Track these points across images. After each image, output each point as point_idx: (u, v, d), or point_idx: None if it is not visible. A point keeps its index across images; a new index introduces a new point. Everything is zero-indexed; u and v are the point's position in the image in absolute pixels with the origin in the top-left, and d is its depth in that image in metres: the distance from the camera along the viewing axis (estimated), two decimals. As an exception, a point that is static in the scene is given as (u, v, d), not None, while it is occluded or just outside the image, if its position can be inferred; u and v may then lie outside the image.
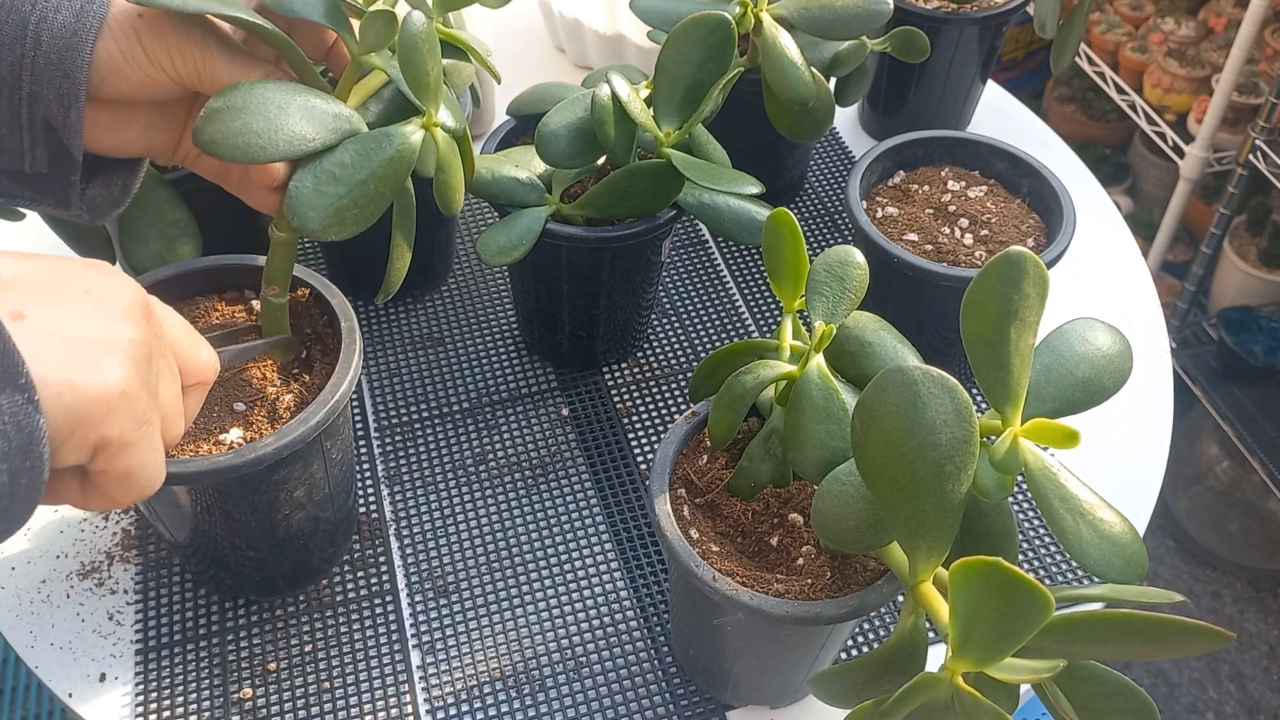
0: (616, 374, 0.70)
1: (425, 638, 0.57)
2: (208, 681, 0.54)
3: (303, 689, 0.54)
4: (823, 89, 0.64)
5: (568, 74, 0.95)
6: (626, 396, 0.69)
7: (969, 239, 0.65)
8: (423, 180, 0.49)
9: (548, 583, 0.59)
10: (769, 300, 0.75)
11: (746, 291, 0.76)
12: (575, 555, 0.60)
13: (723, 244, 0.80)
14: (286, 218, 0.45)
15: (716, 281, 0.77)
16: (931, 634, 0.53)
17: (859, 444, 0.37)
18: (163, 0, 0.41)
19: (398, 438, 0.66)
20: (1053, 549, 0.62)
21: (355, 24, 0.47)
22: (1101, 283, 0.79)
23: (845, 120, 0.91)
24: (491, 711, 0.54)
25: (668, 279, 0.76)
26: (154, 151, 0.49)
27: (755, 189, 0.56)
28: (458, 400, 0.68)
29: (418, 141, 0.46)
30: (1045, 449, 0.39)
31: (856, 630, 0.58)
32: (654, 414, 0.68)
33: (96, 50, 0.43)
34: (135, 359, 0.36)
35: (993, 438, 0.39)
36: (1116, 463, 0.67)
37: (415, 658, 0.56)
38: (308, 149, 0.44)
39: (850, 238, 0.79)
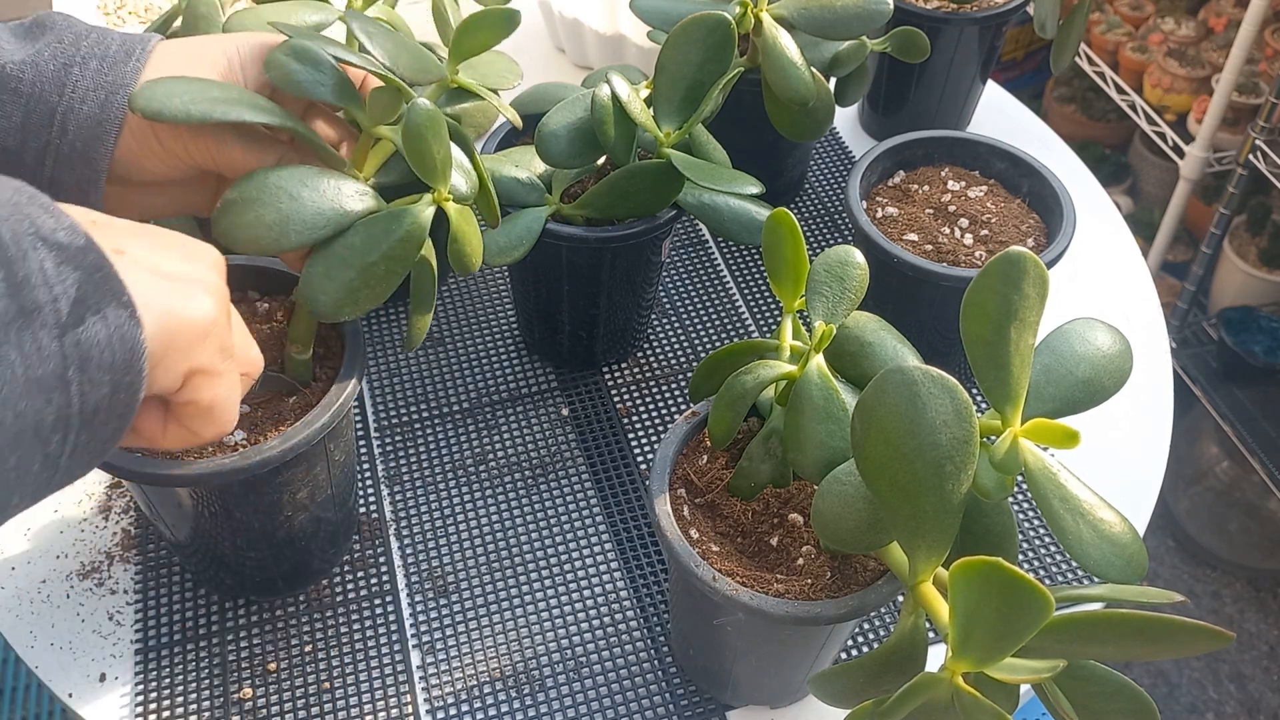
0: (616, 374, 0.70)
1: (425, 638, 0.57)
2: (208, 681, 0.54)
3: (303, 689, 0.54)
4: (823, 89, 0.64)
5: (568, 74, 0.95)
6: (626, 396, 0.69)
7: (969, 239, 0.65)
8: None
9: (548, 583, 0.59)
10: (769, 300, 0.75)
11: (746, 291, 0.76)
12: (575, 555, 0.60)
13: (723, 244, 0.80)
14: None
15: (716, 281, 0.77)
16: (931, 634, 0.53)
17: (859, 444, 0.37)
18: (169, 113, 0.42)
19: (398, 438, 0.66)
20: (1053, 549, 0.62)
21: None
22: (1101, 283, 0.79)
23: (845, 120, 0.91)
24: (491, 711, 0.54)
25: (668, 279, 0.76)
26: (191, 212, 0.51)
27: (755, 189, 0.56)
28: (458, 400, 0.68)
29: (428, 219, 0.46)
30: (1045, 449, 0.39)
31: (856, 630, 0.58)
32: (654, 414, 0.68)
33: (118, 142, 0.45)
34: (221, 301, 0.39)
35: (993, 438, 0.39)
36: (1116, 463, 0.67)
37: (415, 658, 0.56)
38: (318, 237, 0.45)
39: (850, 238, 0.79)
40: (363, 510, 0.62)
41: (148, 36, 0.47)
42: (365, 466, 0.64)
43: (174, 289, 0.36)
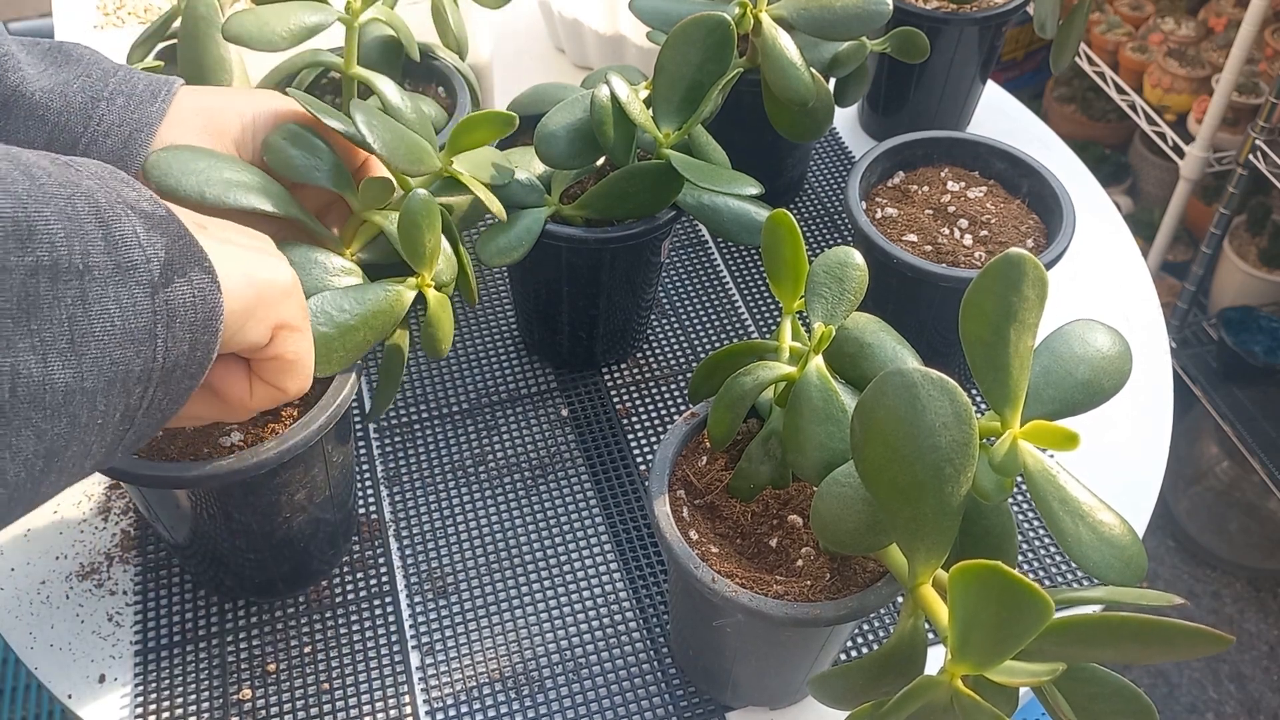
0: (616, 375, 0.70)
1: (425, 639, 0.57)
2: (207, 682, 0.54)
3: (302, 690, 0.54)
4: (822, 89, 0.64)
5: (568, 74, 0.95)
6: (626, 397, 0.69)
7: (968, 240, 0.65)
8: None
9: (547, 584, 0.59)
10: (768, 301, 0.75)
11: (746, 292, 0.76)
12: (575, 556, 0.60)
13: (722, 244, 0.79)
14: None
15: (716, 282, 0.77)
16: (931, 635, 0.53)
17: (858, 446, 0.37)
18: (183, 192, 0.44)
19: (397, 439, 0.66)
20: (1052, 550, 0.62)
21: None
22: (1101, 283, 0.79)
23: (845, 120, 0.91)
24: (491, 712, 0.54)
25: (667, 279, 0.76)
26: None
27: (754, 190, 0.56)
28: (457, 401, 0.68)
29: (409, 299, 0.49)
30: (1044, 451, 0.39)
31: (856, 632, 0.58)
32: (653, 415, 0.68)
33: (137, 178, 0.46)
34: (295, 274, 0.42)
35: (992, 440, 0.39)
36: (1116, 463, 0.67)
37: (415, 658, 0.56)
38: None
39: (850, 238, 0.79)
40: (362, 511, 0.62)
41: (171, 79, 0.49)
42: (365, 467, 0.64)
43: (251, 257, 0.40)
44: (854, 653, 0.57)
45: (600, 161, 0.61)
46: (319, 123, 0.50)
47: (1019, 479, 0.61)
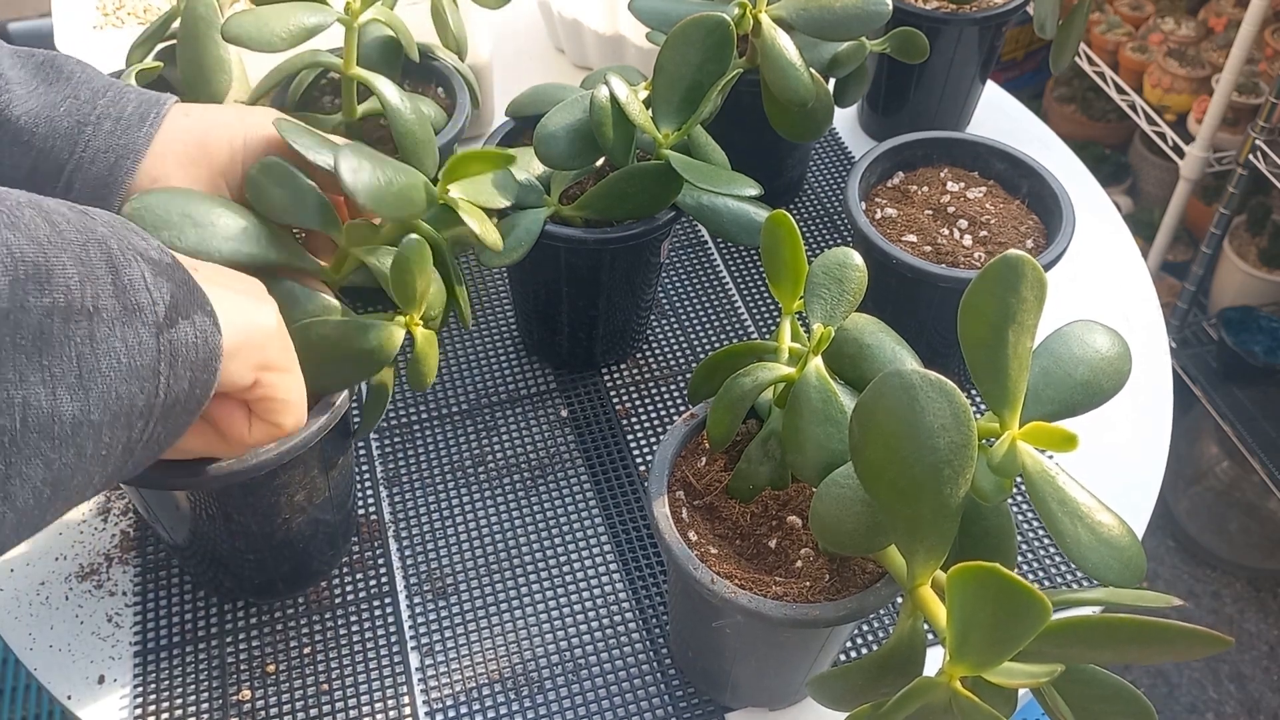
0: (616, 375, 0.70)
1: (424, 639, 0.57)
2: (207, 683, 0.54)
3: (302, 691, 0.54)
4: (822, 90, 0.64)
5: (567, 74, 0.95)
6: (625, 398, 0.69)
7: (968, 240, 0.65)
8: None
9: (547, 584, 0.59)
10: (768, 301, 0.75)
11: (745, 293, 0.76)
12: (574, 557, 0.60)
13: (722, 245, 0.79)
14: None
15: (715, 282, 0.77)
16: (930, 636, 0.53)
17: (857, 447, 0.37)
18: (184, 246, 0.45)
19: (397, 439, 0.66)
20: (1051, 551, 0.62)
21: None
22: (1101, 283, 0.79)
23: (845, 121, 0.91)
24: (490, 713, 0.54)
25: (667, 280, 0.76)
26: None
27: (754, 191, 0.56)
28: (457, 402, 0.68)
29: (398, 341, 0.49)
30: (1043, 452, 0.39)
31: (855, 632, 0.58)
32: (653, 415, 0.68)
33: (121, 206, 0.47)
34: (279, 318, 0.44)
35: (991, 441, 0.39)
36: (1116, 464, 0.67)
37: (414, 659, 0.56)
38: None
39: (849, 239, 0.79)
40: (362, 512, 0.62)
41: (163, 99, 0.49)
42: (364, 468, 0.64)
43: (242, 301, 0.42)
44: (853, 654, 0.57)
45: (600, 162, 0.61)
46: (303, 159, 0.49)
47: (1018, 480, 0.61)
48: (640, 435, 0.67)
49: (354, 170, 0.46)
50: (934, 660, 0.35)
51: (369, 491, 0.63)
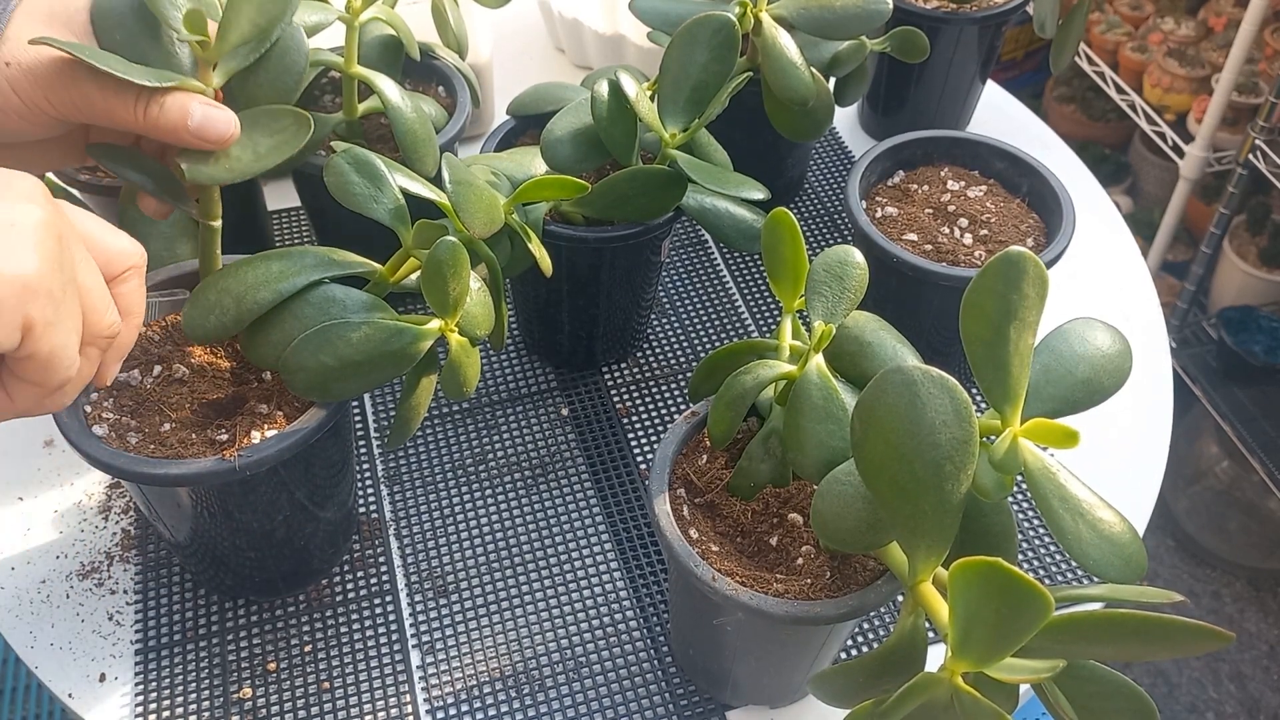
0: (616, 374, 0.70)
1: (425, 637, 0.57)
2: (208, 682, 0.54)
3: (302, 689, 0.54)
4: (822, 89, 0.64)
5: (568, 74, 0.95)
6: (626, 396, 0.69)
7: (968, 239, 0.65)
8: None
9: (547, 582, 0.59)
10: (769, 300, 0.75)
11: (746, 291, 0.76)
12: (575, 555, 0.60)
13: (722, 244, 0.80)
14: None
15: (716, 281, 0.77)
16: (931, 633, 0.53)
17: (858, 444, 0.37)
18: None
19: (397, 438, 0.66)
20: (1052, 548, 0.62)
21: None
22: (1101, 282, 0.79)
23: (845, 120, 0.91)
24: (491, 711, 0.54)
25: (667, 279, 0.76)
26: (59, 168, 0.51)
27: (759, 194, 0.57)
28: (457, 400, 0.68)
29: (425, 346, 0.47)
30: (1044, 449, 0.39)
31: (856, 630, 0.58)
32: (654, 414, 0.68)
33: None
34: (43, 238, 0.36)
35: (992, 438, 0.39)
36: (1116, 462, 0.67)
37: (415, 657, 0.56)
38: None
39: (850, 238, 0.79)
40: (362, 510, 0.62)
41: None
42: (365, 466, 0.64)
43: None
44: (854, 651, 0.57)
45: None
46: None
47: (1019, 477, 0.61)
48: (641, 433, 0.67)
49: (457, 179, 0.46)
50: (935, 658, 0.35)
51: (370, 489, 0.63)
